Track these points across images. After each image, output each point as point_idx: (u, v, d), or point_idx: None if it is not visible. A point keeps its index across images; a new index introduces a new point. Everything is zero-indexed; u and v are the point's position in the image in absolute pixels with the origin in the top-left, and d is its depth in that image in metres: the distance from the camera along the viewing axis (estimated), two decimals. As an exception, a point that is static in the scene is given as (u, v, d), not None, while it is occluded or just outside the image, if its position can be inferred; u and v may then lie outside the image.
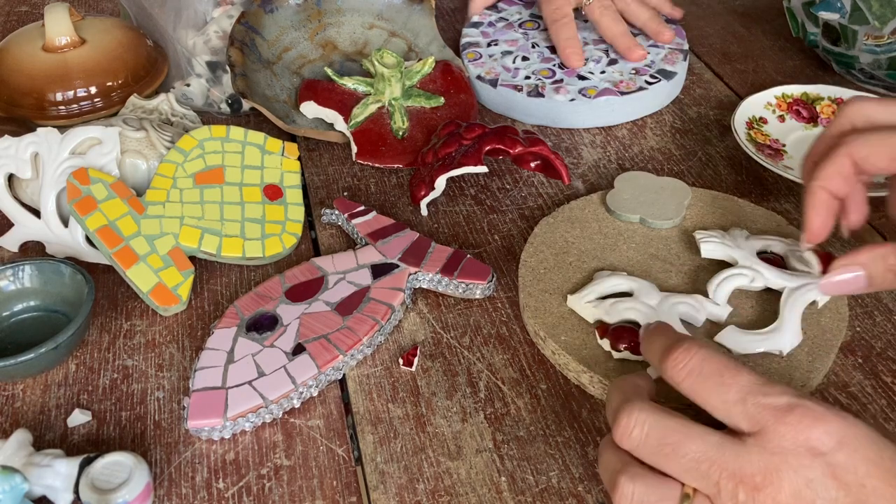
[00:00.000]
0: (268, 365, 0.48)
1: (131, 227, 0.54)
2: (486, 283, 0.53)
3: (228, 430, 0.46)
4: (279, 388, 0.47)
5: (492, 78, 0.72)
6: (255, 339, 0.49)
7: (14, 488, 0.37)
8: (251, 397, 0.46)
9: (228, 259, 0.56)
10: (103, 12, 0.92)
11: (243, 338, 0.50)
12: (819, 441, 0.32)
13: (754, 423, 0.34)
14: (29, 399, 0.49)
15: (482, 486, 0.43)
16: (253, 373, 0.47)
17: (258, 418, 0.46)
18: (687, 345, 0.37)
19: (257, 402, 0.46)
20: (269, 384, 0.47)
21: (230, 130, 0.61)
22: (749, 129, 0.66)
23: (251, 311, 0.51)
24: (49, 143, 0.56)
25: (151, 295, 0.52)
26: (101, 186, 0.55)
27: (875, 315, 0.52)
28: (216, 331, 0.50)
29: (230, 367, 0.48)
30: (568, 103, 0.69)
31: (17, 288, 0.53)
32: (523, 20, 0.80)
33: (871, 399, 0.47)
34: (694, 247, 0.54)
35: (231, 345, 0.49)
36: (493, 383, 0.49)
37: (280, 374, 0.47)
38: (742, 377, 0.35)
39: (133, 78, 0.72)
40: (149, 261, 0.53)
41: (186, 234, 0.55)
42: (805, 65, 0.78)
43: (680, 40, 0.75)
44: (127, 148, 0.58)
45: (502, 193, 0.63)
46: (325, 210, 0.60)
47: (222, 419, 0.45)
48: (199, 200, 0.57)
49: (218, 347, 0.49)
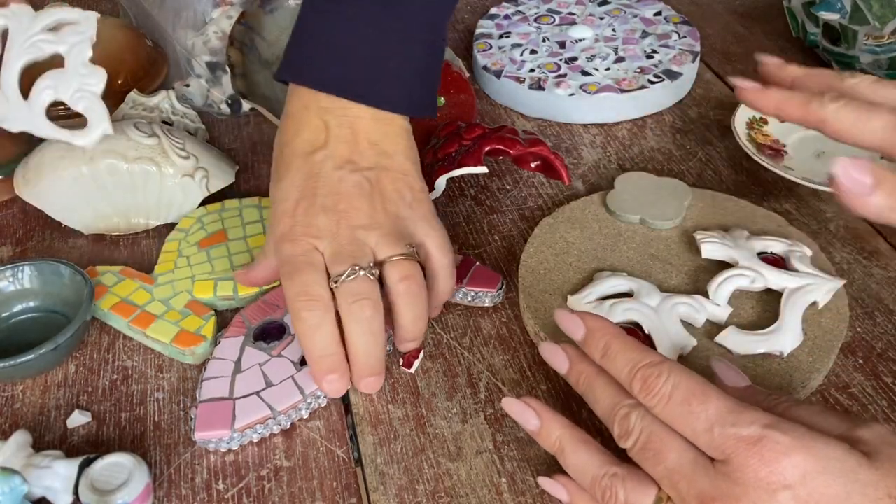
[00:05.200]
0: (276, 375, 0.47)
1: (144, 297, 0.53)
2: (496, 291, 0.53)
3: (236, 442, 0.45)
4: (287, 399, 0.46)
5: (497, 69, 0.73)
6: (263, 349, 0.49)
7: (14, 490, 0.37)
8: (259, 408, 0.46)
9: (247, 298, 0.54)
10: (103, 12, 0.92)
11: (251, 347, 0.49)
12: (783, 475, 0.32)
13: (720, 453, 0.34)
14: (28, 400, 0.49)
15: (482, 487, 0.43)
16: (261, 383, 0.47)
17: (266, 429, 0.46)
18: (657, 369, 0.37)
19: (265, 412, 0.46)
20: (277, 395, 0.46)
21: (224, 203, 0.61)
22: (749, 129, 0.66)
23: (258, 319, 0.51)
24: (20, 19, 0.54)
25: (175, 342, 0.50)
26: (111, 275, 0.55)
27: (876, 316, 0.52)
28: (223, 340, 0.50)
29: (237, 377, 0.47)
30: (568, 98, 0.69)
31: (17, 289, 0.53)
32: (539, 14, 0.80)
33: (872, 400, 0.47)
34: (694, 247, 0.54)
35: (238, 354, 0.49)
36: (494, 384, 0.49)
37: (288, 385, 0.47)
38: (711, 405, 0.35)
39: (133, 78, 0.71)
40: (167, 317, 0.52)
41: (200, 288, 0.54)
42: (806, 65, 0.77)
43: (692, 42, 0.75)
44: (139, 154, 0.58)
45: (502, 194, 0.63)
46: None
47: (230, 430, 0.45)
48: (206, 259, 0.56)
49: (225, 357, 0.49)
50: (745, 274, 0.50)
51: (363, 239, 0.47)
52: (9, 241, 0.61)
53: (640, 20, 0.78)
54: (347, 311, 0.45)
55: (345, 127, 0.49)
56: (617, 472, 0.37)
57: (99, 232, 0.60)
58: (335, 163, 0.48)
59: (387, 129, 0.50)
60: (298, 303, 0.45)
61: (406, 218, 0.49)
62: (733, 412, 0.34)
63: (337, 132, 0.49)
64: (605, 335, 0.40)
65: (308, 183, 0.48)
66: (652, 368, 0.37)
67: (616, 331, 0.40)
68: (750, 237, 0.54)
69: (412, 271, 0.47)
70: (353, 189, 0.48)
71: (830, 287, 0.50)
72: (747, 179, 0.64)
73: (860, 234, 0.58)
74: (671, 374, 0.36)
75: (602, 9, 0.81)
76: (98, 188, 0.58)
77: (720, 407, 0.35)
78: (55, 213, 0.59)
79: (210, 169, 0.61)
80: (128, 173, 0.58)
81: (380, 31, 0.49)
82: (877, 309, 0.52)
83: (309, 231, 0.47)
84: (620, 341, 0.39)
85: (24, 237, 0.61)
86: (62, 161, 0.57)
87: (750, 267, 0.51)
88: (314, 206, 0.47)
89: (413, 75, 0.50)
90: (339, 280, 0.45)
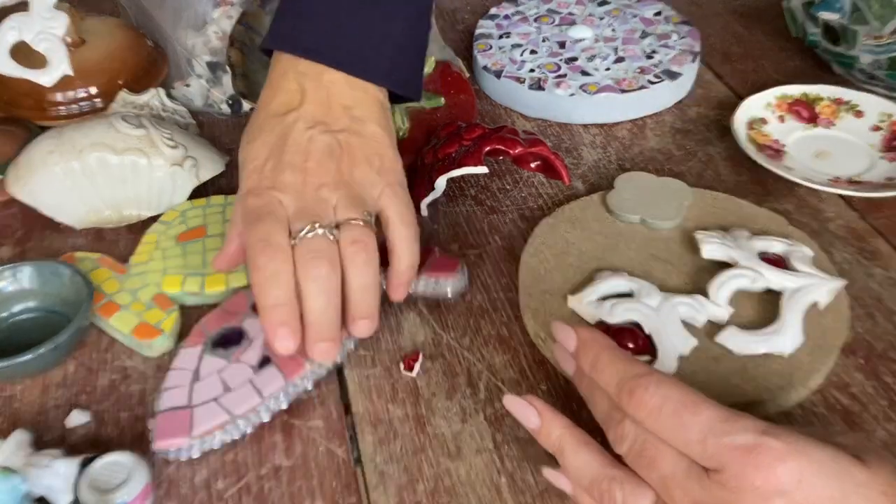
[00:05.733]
0: (233, 380, 0.47)
1: (114, 286, 0.54)
2: (457, 278, 0.52)
3: (196, 450, 0.45)
4: (246, 403, 0.46)
5: (497, 69, 0.73)
6: (221, 356, 0.48)
7: (13, 489, 0.37)
8: (217, 414, 0.45)
9: (213, 296, 0.54)
10: (103, 12, 0.92)
11: (209, 355, 0.48)
12: (779, 481, 0.32)
13: (714, 462, 0.34)
14: (28, 399, 0.49)
15: (482, 486, 0.43)
16: (219, 389, 0.46)
17: (227, 435, 0.45)
18: (645, 382, 0.36)
19: (223, 418, 0.45)
20: (235, 399, 0.46)
21: (210, 199, 0.61)
22: (749, 129, 0.66)
23: (217, 327, 0.50)
24: None
25: (134, 333, 0.51)
26: (88, 262, 0.56)
27: (876, 316, 0.52)
28: (182, 350, 0.49)
29: (195, 385, 0.47)
30: (568, 98, 0.70)
31: (16, 289, 0.53)
32: (539, 14, 0.81)
33: (872, 400, 0.47)
34: (695, 247, 0.54)
35: (196, 364, 0.48)
36: (494, 384, 0.49)
37: (246, 388, 0.46)
38: (702, 415, 0.35)
39: (133, 78, 0.71)
40: (132, 308, 0.52)
41: (169, 281, 0.54)
42: (805, 65, 0.78)
43: (692, 42, 0.75)
44: (128, 146, 0.58)
45: (502, 194, 0.63)
46: None
47: (188, 438, 0.44)
48: (181, 254, 0.56)
49: (184, 367, 0.48)
50: (746, 274, 0.50)
51: (326, 198, 0.47)
52: (9, 240, 0.61)
53: (640, 20, 0.78)
54: (303, 268, 0.45)
55: (320, 90, 0.49)
56: (616, 476, 0.37)
57: (92, 226, 0.60)
58: (306, 123, 0.49)
59: (362, 96, 0.50)
60: (256, 250, 0.44)
61: (372, 184, 0.49)
62: (726, 421, 0.34)
63: (312, 95, 0.49)
64: (596, 347, 0.40)
65: (278, 142, 0.48)
66: (640, 380, 0.37)
67: (607, 343, 0.40)
68: (750, 237, 0.54)
69: (364, 237, 0.46)
70: (321, 149, 0.48)
71: (831, 287, 0.50)
72: (747, 179, 0.64)
73: (860, 234, 0.58)
74: (660, 387, 0.36)
75: (602, 9, 0.81)
76: (89, 182, 0.58)
77: (712, 416, 0.34)
78: (47, 209, 0.59)
79: (199, 158, 0.61)
80: (117, 166, 0.58)
81: (363, 6, 0.50)
82: (877, 309, 0.52)
83: (274, 185, 0.47)
84: (610, 353, 0.39)
85: (23, 237, 0.61)
86: (52, 156, 0.58)
87: (750, 267, 0.51)
88: (281, 162, 0.48)
89: (394, 51, 0.51)
90: (299, 236, 0.45)
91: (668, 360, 0.46)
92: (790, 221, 0.57)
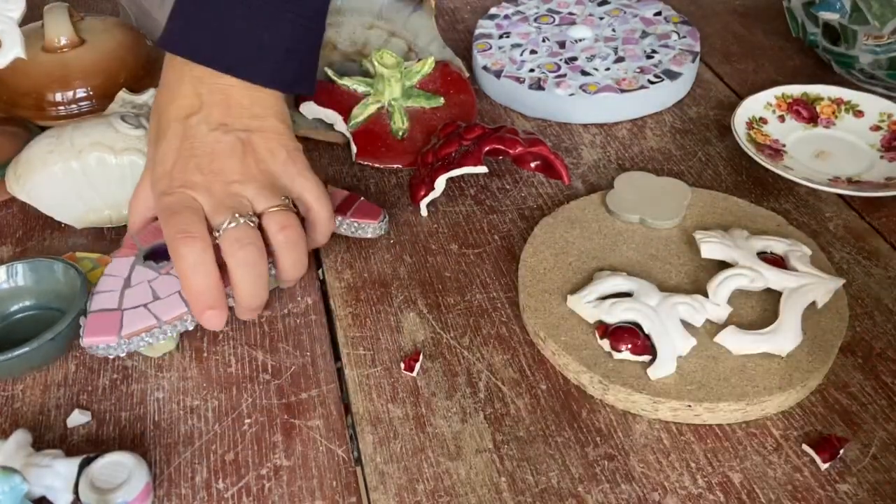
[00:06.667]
0: (163, 290, 0.50)
1: None
2: (378, 223, 0.57)
3: (123, 349, 0.48)
4: (173, 310, 0.49)
5: (497, 69, 0.73)
6: (152, 268, 0.51)
7: (14, 489, 0.37)
8: (145, 318, 0.48)
9: None
10: (103, 12, 0.92)
11: (140, 267, 0.51)
12: None
13: None
14: (28, 399, 0.49)
15: (482, 486, 0.43)
16: (148, 296, 0.49)
17: (152, 338, 0.48)
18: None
19: (151, 321, 0.48)
20: (164, 307, 0.49)
21: None
22: (749, 129, 0.66)
23: (149, 242, 0.52)
24: None
25: None
26: (87, 261, 0.57)
27: (875, 315, 0.52)
28: (114, 259, 0.52)
29: (126, 291, 0.50)
30: (568, 98, 0.70)
31: (12, 287, 0.53)
32: (539, 14, 0.81)
33: (872, 399, 0.47)
34: (694, 247, 0.54)
35: (128, 272, 0.51)
36: (493, 383, 0.49)
37: (175, 298, 0.49)
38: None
39: (132, 78, 0.72)
40: None
41: None
42: (805, 65, 0.78)
43: (692, 42, 0.75)
44: (127, 146, 0.58)
45: (502, 193, 0.63)
46: None
47: (117, 337, 0.47)
48: None
49: (115, 274, 0.51)
50: (745, 273, 0.50)
51: (239, 192, 0.50)
52: (9, 240, 0.61)
53: (640, 20, 0.78)
54: (233, 257, 0.48)
55: (216, 94, 0.51)
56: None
57: (91, 225, 0.60)
58: (209, 125, 0.51)
59: (258, 94, 0.52)
60: (177, 240, 0.47)
61: (281, 174, 0.52)
62: None
63: (209, 98, 0.51)
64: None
65: (184, 144, 0.51)
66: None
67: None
68: (749, 237, 0.54)
69: (290, 221, 0.50)
70: (226, 149, 0.51)
71: (830, 287, 0.50)
72: (747, 179, 0.64)
73: (860, 233, 0.58)
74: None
75: (602, 9, 0.81)
76: (88, 181, 0.58)
77: None
78: (47, 208, 0.59)
79: None
80: (116, 165, 0.58)
81: (250, 8, 0.51)
82: (876, 309, 0.52)
83: (186, 185, 0.49)
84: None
85: (23, 237, 0.61)
86: (51, 156, 0.58)
87: (749, 266, 0.51)
88: (189, 165, 0.50)
89: (283, 53, 0.52)
90: (222, 228, 0.48)
91: (668, 360, 0.46)
92: (789, 221, 0.57)
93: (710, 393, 0.45)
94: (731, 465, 0.44)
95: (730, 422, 0.46)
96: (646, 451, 0.45)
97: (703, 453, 0.45)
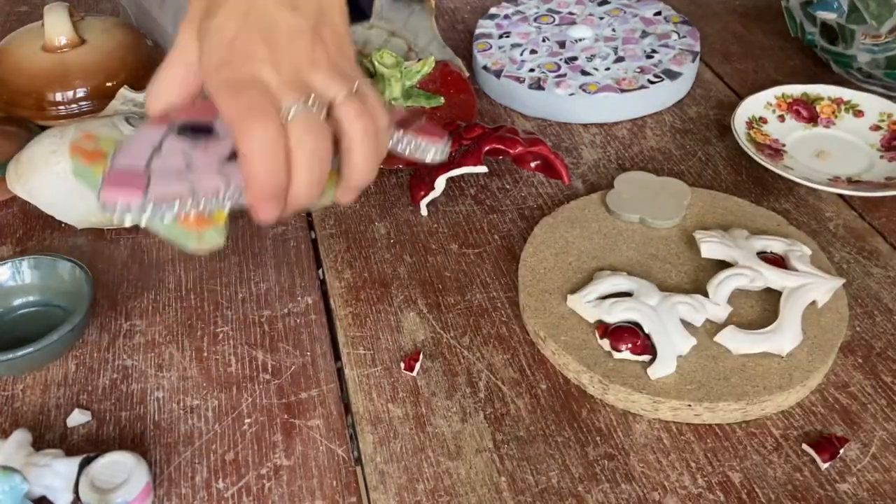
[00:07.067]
0: (200, 161, 0.42)
1: None
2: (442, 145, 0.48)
3: (146, 215, 0.39)
4: (210, 183, 0.41)
5: (497, 69, 0.73)
6: (188, 140, 0.43)
7: (14, 488, 0.37)
8: (177, 182, 0.40)
9: None
10: (103, 12, 0.92)
11: (174, 138, 0.43)
12: None
13: None
14: (28, 399, 0.49)
15: (482, 486, 0.43)
16: (181, 164, 0.41)
17: (181, 208, 0.40)
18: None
19: (184, 187, 0.40)
20: (198, 177, 0.41)
21: None
22: (749, 128, 0.66)
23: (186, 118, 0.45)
24: None
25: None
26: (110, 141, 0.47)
27: (875, 315, 0.52)
28: (143, 128, 0.43)
29: (156, 155, 0.42)
30: (567, 98, 0.70)
31: (17, 283, 0.53)
32: (539, 14, 0.81)
33: (871, 399, 0.47)
34: (694, 247, 0.54)
35: (159, 141, 0.42)
36: (493, 383, 0.49)
37: (212, 172, 0.42)
38: None
39: (132, 78, 0.71)
40: None
41: None
42: (805, 65, 0.78)
43: (692, 41, 0.75)
44: None
45: (502, 193, 0.63)
46: None
47: (142, 196, 0.39)
48: None
49: (144, 140, 0.42)
50: (745, 273, 0.50)
51: (307, 76, 0.44)
52: (9, 240, 0.61)
53: (640, 20, 0.78)
54: (301, 147, 0.42)
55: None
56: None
57: (91, 226, 0.60)
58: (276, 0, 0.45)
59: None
60: (250, 118, 0.41)
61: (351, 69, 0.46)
62: None
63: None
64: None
65: (247, 16, 0.45)
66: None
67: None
68: (749, 236, 0.54)
69: (369, 109, 0.44)
70: (294, 28, 0.45)
71: (830, 286, 0.50)
72: (747, 179, 0.64)
73: (859, 233, 0.58)
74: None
75: (602, 9, 0.81)
76: None
77: None
78: (47, 207, 0.59)
79: None
80: None
81: None
82: (876, 308, 0.52)
83: (253, 58, 0.43)
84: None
85: (24, 236, 0.61)
86: (53, 156, 0.58)
87: (749, 266, 0.51)
88: (254, 37, 0.44)
89: None
90: (291, 112, 0.42)
91: (668, 360, 0.46)
92: (789, 221, 0.57)
93: (709, 392, 0.45)
94: (730, 465, 0.44)
95: (730, 421, 0.46)
96: (646, 451, 0.45)
97: (703, 453, 0.45)
